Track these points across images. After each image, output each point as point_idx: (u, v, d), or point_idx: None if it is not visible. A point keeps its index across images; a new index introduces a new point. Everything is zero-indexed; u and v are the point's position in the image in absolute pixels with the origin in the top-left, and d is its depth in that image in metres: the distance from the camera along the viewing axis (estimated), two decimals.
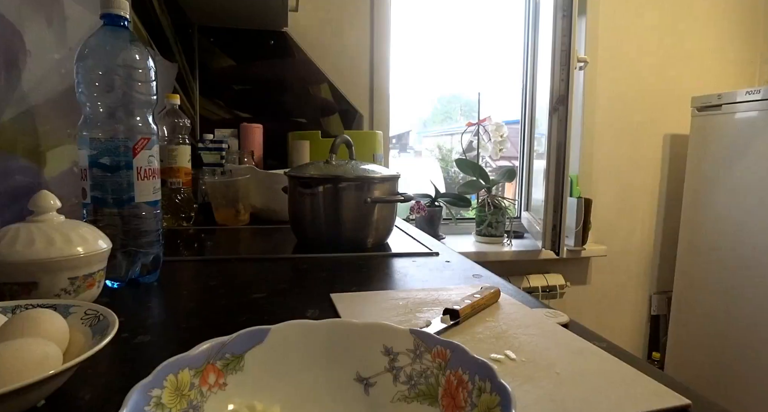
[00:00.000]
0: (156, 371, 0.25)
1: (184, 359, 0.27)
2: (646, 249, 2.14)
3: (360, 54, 1.75)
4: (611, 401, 0.32)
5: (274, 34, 1.66)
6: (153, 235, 0.60)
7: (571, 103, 1.62)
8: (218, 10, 1.45)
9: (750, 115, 1.64)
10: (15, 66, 0.65)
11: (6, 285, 0.44)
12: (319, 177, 0.82)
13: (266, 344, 0.30)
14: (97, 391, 0.34)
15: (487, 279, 0.67)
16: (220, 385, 0.28)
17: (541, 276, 1.92)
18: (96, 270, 0.49)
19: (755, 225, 1.60)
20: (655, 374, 0.36)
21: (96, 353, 0.31)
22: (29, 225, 0.46)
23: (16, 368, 0.29)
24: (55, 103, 0.75)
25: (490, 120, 1.90)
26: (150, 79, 0.58)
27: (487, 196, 1.88)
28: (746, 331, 1.63)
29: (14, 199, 0.64)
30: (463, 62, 2.20)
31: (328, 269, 0.71)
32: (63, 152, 0.77)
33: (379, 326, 0.32)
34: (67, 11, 0.78)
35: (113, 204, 0.56)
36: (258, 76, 1.66)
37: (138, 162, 0.57)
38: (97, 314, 0.38)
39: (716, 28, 2.09)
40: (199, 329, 0.47)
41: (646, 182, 2.11)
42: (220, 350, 0.29)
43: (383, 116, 1.79)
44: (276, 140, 1.61)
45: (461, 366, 0.28)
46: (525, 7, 2.04)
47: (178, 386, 0.26)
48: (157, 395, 0.24)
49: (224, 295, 0.57)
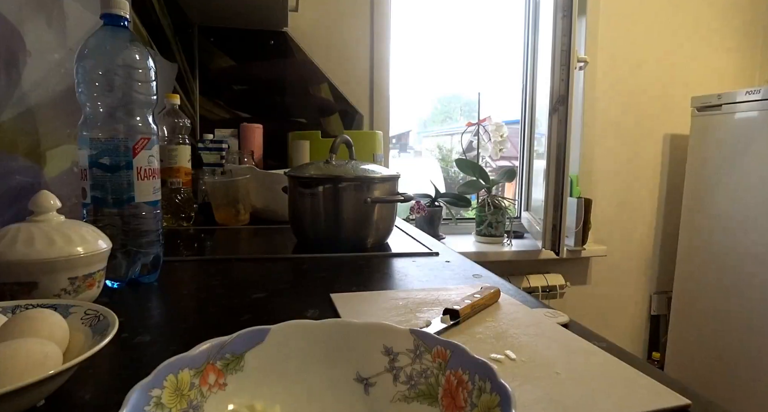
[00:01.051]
0: (156, 371, 0.25)
1: (184, 359, 0.27)
2: (646, 249, 2.14)
3: (360, 54, 1.75)
4: (611, 401, 0.32)
5: (274, 34, 1.66)
6: (153, 235, 0.60)
7: (571, 103, 1.62)
8: (218, 10, 1.45)
9: (750, 115, 1.64)
10: (15, 66, 0.65)
11: (6, 285, 0.44)
12: (319, 177, 0.82)
13: (266, 344, 0.30)
14: (97, 391, 0.34)
15: (487, 279, 0.67)
16: (220, 385, 0.28)
17: (541, 276, 1.92)
18: (96, 270, 0.49)
19: (755, 225, 1.60)
20: (655, 374, 0.36)
21: (96, 353, 0.31)
22: (29, 225, 0.46)
23: (16, 368, 0.29)
24: (55, 103, 0.75)
25: (490, 120, 1.90)
26: (150, 79, 0.58)
27: (487, 196, 1.88)
28: (746, 331, 1.63)
29: (14, 199, 0.64)
30: (463, 62, 2.20)
31: (328, 269, 0.71)
32: (63, 152, 0.77)
33: (379, 326, 0.32)
34: (67, 11, 0.78)
35: (113, 204, 0.56)
36: (258, 76, 1.66)
37: (138, 162, 0.57)
38: (97, 314, 0.38)
39: (716, 29, 2.09)
40: (199, 329, 0.47)
41: (646, 182, 2.11)
42: (220, 350, 0.29)
43: (383, 116, 1.79)
44: (276, 140, 1.61)
45: (461, 366, 0.28)
46: (525, 7, 2.04)
47: (178, 386, 0.26)
48: (157, 395, 0.24)
49: (224, 295, 0.57)
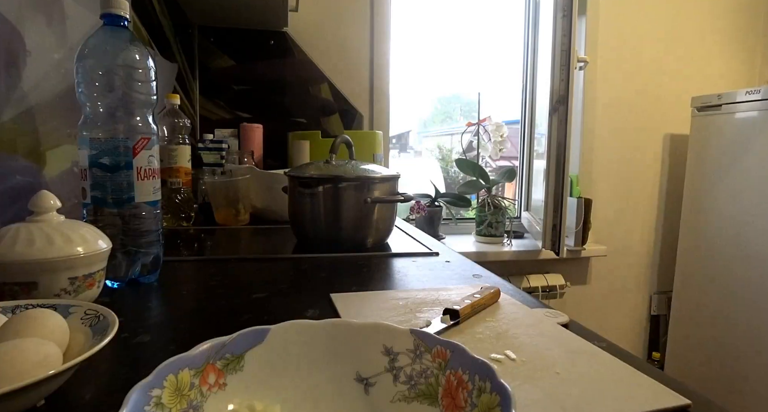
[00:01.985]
0: (156, 371, 0.25)
1: (184, 359, 0.27)
2: (646, 249, 2.14)
3: (360, 54, 1.75)
4: (611, 401, 0.32)
5: (274, 34, 1.66)
6: (153, 235, 0.60)
7: (571, 103, 1.62)
8: (218, 10, 1.45)
9: (750, 115, 1.64)
10: (15, 66, 0.65)
11: (6, 285, 0.44)
12: (319, 177, 0.82)
13: (266, 344, 0.30)
14: (97, 391, 0.34)
15: (487, 279, 0.67)
16: (220, 385, 0.28)
17: (541, 276, 1.92)
18: (96, 270, 0.49)
19: (755, 225, 1.60)
20: (655, 374, 0.36)
21: (96, 353, 0.31)
22: (29, 225, 0.46)
23: (16, 368, 0.29)
24: (55, 103, 0.75)
25: (490, 120, 1.90)
26: (150, 79, 0.58)
27: (487, 196, 1.88)
28: (746, 331, 1.63)
29: (14, 199, 0.64)
30: (463, 62, 2.20)
31: (328, 269, 0.71)
32: (63, 152, 0.77)
33: (379, 326, 0.32)
34: (67, 11, 0.78)
35: (113, 204, 0.56)
36: (258, 76, 1.66)
37: (138, 162, 0.57)
38: (97, 314, 0.38)
39: (716, 29, 2.09)
40: (199, 329, 0.47)
41: (646, 182, 2.11)
42: (220, 350, 0.29)
43: (383, 116, 1.79)
44: (276, 140, 1.61)
45: (461, 366, 0.28)
46: (525, 7, 2.04)
47: (178, 386, 0.26)
48: (157, 395, 0.24)
49: (224, 295, 0.57)
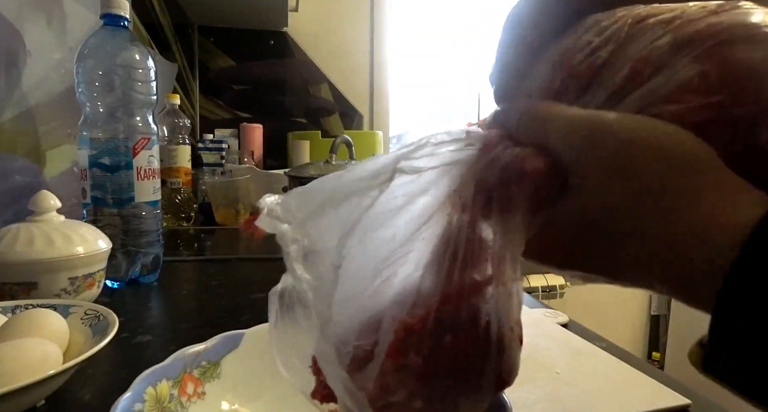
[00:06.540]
0: (134, 384, 0.25)
1: (160, 370, 0.27)
2: None
3: (360, 54, 1.75)
4: (611, 401, 0.32)
5: (274, 34, 1.66)
6: (153, 235, 0.60)
7: None
8: (218, 10, 1.45)
9: None
10: (15, 66, 0.65)
11: (6, 285, 0.44)
12: (319, 177, 0.82)
13: (242, 349, 0.30)
14: (97, 391, 0.34)
15: None
16: (198, 394, 0.28)
17: (541, 276, 1.91)
18: (96, 270, 0.49)
19: None
20: (655, 374, 0.36)
21: (96, 353, 0.31)
22: (29, 225, 0.46)
23: (16, 368, 0.29)
24: (55, 103, 0.75)
25: None
26: (150, 79, 0.58)
27: None
28: None
29: (14, 199, 0.64)
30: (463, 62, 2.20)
31: None
32: (63, 152, 0.77)
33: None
34: (67, 11, 0.78)
35: (113, 204, 0.56)
36: (258, 76, 1.66)
37: (138, 162, 0.57)
38: (97, 314, 0.38)
39: None
40: (199, 329, 0.47)
41: None
42: (195, 358, 0.28)
43: (383, 116, 1.79)
44: (276, 140, 1.61)
45: None
46: None
47: (158, 398, 0.25)
48: (139, 410, 0.24)
49: (224, 295, 0.57)
